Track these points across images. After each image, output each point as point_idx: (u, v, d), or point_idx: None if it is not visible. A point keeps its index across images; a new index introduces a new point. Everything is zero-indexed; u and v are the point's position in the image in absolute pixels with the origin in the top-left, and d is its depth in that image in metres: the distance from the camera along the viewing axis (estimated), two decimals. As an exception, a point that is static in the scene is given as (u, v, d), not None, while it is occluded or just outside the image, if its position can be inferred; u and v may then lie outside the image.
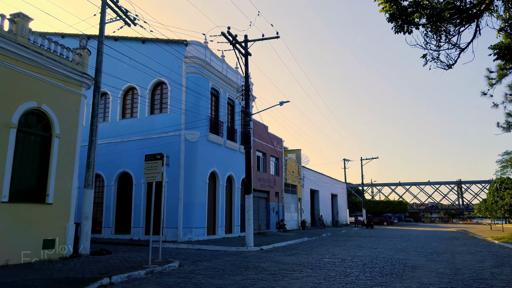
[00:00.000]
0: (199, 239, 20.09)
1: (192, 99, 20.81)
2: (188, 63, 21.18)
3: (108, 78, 23.38)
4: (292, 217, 37.09)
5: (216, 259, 13.07)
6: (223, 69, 24.10)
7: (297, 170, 39.29)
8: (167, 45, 21.55)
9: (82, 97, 13.56)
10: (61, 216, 12.37)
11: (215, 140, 22.33)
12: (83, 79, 13.37)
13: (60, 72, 12.57)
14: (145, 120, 22.01)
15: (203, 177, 21.19)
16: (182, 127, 20.63)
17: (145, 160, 11.23)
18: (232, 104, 25.44)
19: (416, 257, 14.19)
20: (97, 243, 19.21)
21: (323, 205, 47.71)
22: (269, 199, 31.55)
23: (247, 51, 18.53)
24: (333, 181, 53.39)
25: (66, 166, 12.65)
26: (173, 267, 10.80)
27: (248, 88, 18.26)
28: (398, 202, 75.63)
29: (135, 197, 21.42)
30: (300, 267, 11.28)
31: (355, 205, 75.41)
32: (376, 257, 14.03)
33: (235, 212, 24.45)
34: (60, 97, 12.68)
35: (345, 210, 58.77)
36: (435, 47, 8.73)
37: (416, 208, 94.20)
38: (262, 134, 30.40)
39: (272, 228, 31.49)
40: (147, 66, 21.11)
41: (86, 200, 13.90)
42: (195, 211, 20.24)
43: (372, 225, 45.19)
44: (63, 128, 12.66)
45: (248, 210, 17.57)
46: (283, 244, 19.69)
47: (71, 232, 12.71)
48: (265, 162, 31.36)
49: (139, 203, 21.21)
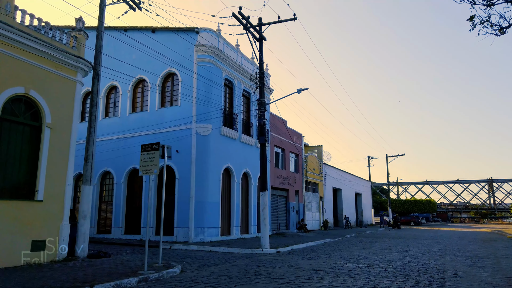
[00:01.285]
0: (212, 240, 18.70)
1: (204, 90, 19.43)
2: (200, 51, 19.82)
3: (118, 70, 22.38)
4: (313, 216, 35.32)
5: (226, 263, 11.60)
6: (237, 59, 22.64)
7: (319, 167, 37.47)
8: (177, 34, 20.27)
9: (78, 84, 12.33)
10: (53, 215, 11.16)
11: (229, 134, 20.89)
12: (78, 63, 12.14)
13: (51, 55, 11.37)
14: (155, 113, 20.77)
15: (216, 174, 19.78)
16: (193, 120, 19.28)
17: (141, 151, 9.87)
18: (247, 97, 23.95)
19: (455, 262, 12.33)
20: (105, 244, 18.12)
21: (347, 204, 45.66)
22: (289, 197, 29.90)
23: (262, 35, 16.99)
24: (357, 179, 51.22)
25: (59, 160, 11.43)
26: (172, 273, 9.38)
27: (263, 76, 16.72)
28: (426, 201, 72.40)
29: (145, 195, 20.22)
30: (320, 274, 9.67)
31: (380, 205, 72.73)
32: (408, 262, 12.26)
33: (251, 211, 22.95)
34: (52, 83, 11.48)
35: (369, 209, 56.44)
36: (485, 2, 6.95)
37: (444, 207, 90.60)
38: (281, 128, 28.80)
39: (292, 228, 29.84)
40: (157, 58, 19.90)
41: (84, 197, 12.68)
42: (207, 210, 18.85)
43: (399, 225, 42.89)
44: (56, 117, 11.45)
45: (264, 208, 16.04)
46: (302, 246, 18.06)
47: (65, 233, 11.48)
48: (284, 158, 29.72)
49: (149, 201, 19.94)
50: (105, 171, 21.84)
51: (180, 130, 19.58)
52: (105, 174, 22.15)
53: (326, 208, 38.60)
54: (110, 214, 21.53)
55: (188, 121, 19.41)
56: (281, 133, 28.88)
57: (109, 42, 21.91)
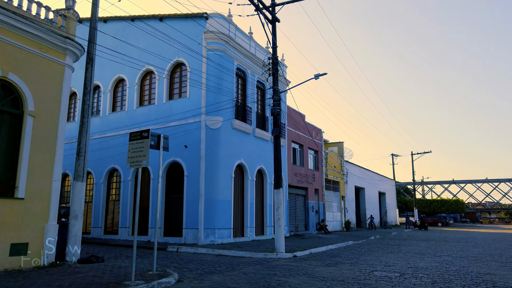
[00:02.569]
0: (223, 242, 17.20)
1: (214, 80, 17.96)
2: (209, 38, 18.35)
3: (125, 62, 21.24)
4: (334, 217, 33.42)
5: (233, 271, 10.06)
6: (250, 47, 21.09)
7: (340, 164, 35.53)
8: (185, 21, 18.92)
9: (67, 68, 11.02)
10: (37, 215, 9.85)
11: (241, 127, 19.35)
12: (66, 45, 10.82)
13: (34, 35, 10.08)
14: (163, 106, 19.43)
15: (228, 170, 18.27)
16: (203, 112, 17.83)
17: (129, 140, 8.42)
18: (262, 88, 22.36)
19: (502, 271, 10.42)
20: (110, 246, 16.94)
21: (370, 204, 43.47)
22: (308, 196, 28.15)
23: (275, 17, 15.38)
24: (381, 178, 48.87)
25: (43, 152, 10.13)
26: (165, 284, 7.90)
27: (276, 61, 15.11)
28: (454, 201, 69.08)
29: (152, 193, 18.91)
30: (342, 285, 8.00)
31: (404, 205, 69.92)
32: (446, 270, 10.43)
33: (267, 211, 21.34)
34: (35, 67, 10.19)
35: (394, 209, 53.94)
36: None
37: (472, 208, 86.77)
38: (299, 123, 27.07)
39: (311, 229, 28.07)
40: (165, 48, 18.60)
41: (75, 194, 11.37)
42: (218, 209, 17.37)
43: (426, 226, 40.44)
44: (40, 104, 10.16)
45: (278, 208, 14.42)
46: (322, 249, 16.35)
47: (52, 235, 10.16)
48: (302, 155, 27.98)
49: (156, 200, 18.62)
50: (112, 168, 20.66)
51: (188, 123, 18.18)
52: (112, 172, 20.98)
53: (348, 208, 36.62)
54: (117, 214, 20.33)
55: (197, 113, 17.98)
56: (299, 128, 27.16)
57: (116, 33, 20.73)
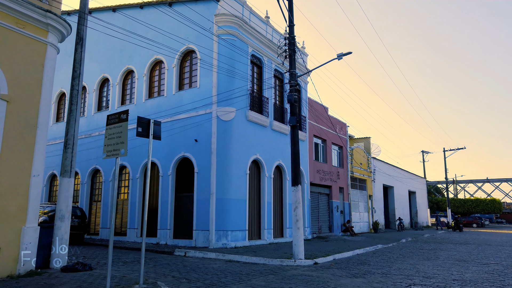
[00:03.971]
0: (237, 246, 15.57)
1: (226, 67, 16.36)
2: (220, 21, 16.76)
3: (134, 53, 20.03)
4: (361, 217, 31.24)
5: (239, 283, 8.38)
6: (267, 33, 19.37)
7: (366, 161, 33.29)
8: (196, 4, 17.43)
9: (50, 47, 9.61)
10: (11, 215, 8.48)
11: (257, 119, 17.67)
12: (47, 20, 9.41)
13: (7, 7, 8.71)
14: (172, 98, 17.99)
15: (242, 166, 16.63)
16: (214, 101, 16.25)
17: (106, 124, 6.88)
18: (280, 78, 20.60)
19: None
20: (115, 249, 15.56)
21: (399, 203, 40.91)
22: (332, 195, 26.17)
23: (291, -8, 13.62)
24: (411, 176, 46.11)
25: (20, 143, 8.75)
26: (148, 303, 6.30)
27: (294, 41, 13.32)
28: (490, 201, 65.08)
29: (162, 192, 17.49)
30: (373, 308, 6.19)
31: (436, 204, 66.49)
32: (502, 285, 8.43)
33: (286, 211, 19.56)
34: (10, 44, 8.82)
35: (425, 209, 50.96)
36: None
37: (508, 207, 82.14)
38: (321, 116, 25.14)
39: (336, 231, 26.08)
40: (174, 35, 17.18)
41: (62, 192, 9.97)
42: (231, 209, 15.75)
43: (460, 227, 37.67)
44: (16, 87, 8.78)
45: (296, 208, 12.68)
46: (348, 254, 14.46)
47: (31, 238, 8.77)
48: (325, 150, 26.04)
49: (166, 199, 17.21)
50: (120, 165, 19.39)
51: (199, 115, 16.66)
52: (121, 169, 19.71)
53: (376, 208, 34.33)
54: (126, 214, 19.04)
55: (207, 103, 16.43)
56: (322, 122, 25.23)
57: (125, 24, 19.45)
